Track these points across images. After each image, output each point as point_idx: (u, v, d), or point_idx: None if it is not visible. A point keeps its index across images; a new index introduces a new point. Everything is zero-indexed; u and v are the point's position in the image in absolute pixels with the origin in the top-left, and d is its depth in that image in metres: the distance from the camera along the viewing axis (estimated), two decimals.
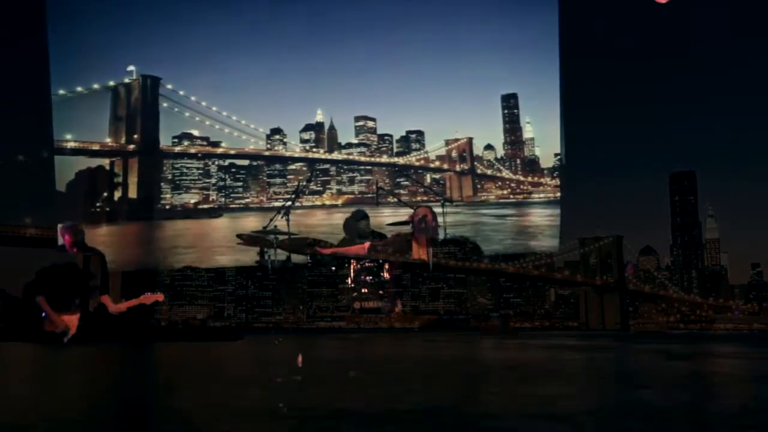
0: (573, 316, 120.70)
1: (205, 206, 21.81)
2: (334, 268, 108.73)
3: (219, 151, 22.27)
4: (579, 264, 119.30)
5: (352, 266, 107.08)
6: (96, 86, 20.79)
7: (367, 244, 20.88)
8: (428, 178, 21.99)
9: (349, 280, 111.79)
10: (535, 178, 20.93)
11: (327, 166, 22.09)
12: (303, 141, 22.48)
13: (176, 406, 11.05)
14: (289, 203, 20.72)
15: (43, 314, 9.21)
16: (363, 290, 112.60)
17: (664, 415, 10.45)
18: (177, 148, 21.91)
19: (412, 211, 18.03)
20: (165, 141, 21.71)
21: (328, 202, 21.53)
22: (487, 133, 21.33)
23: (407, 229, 19.45)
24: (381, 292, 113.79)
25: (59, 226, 19.16)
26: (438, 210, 20.41)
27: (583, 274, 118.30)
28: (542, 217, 20.03)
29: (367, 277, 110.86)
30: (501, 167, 21.64)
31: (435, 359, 30.62)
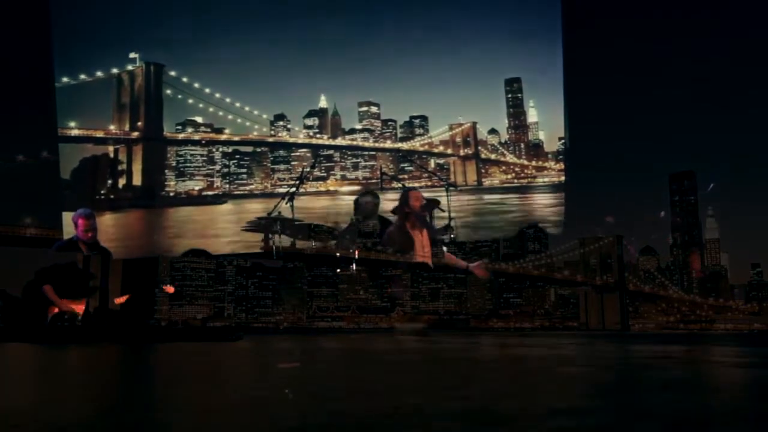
0: (573, 316, 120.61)
1: (210, 193, 21.77)
2: (339, 270, 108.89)
3: (223, 137, 22.23)
4: (579, 264, 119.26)
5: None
6: (100, 74, 20.80)
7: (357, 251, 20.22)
8: (432, 163, 21.94)
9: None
10: (540, 162, 20.88)
11: (331, 151, 22.07)
12: (306, 127, 22.42)
13: None
14: (294, 189, 20.73)
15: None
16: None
17: None
18: (181, 135, 21.88)
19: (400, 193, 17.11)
20: (169, 128, 21.71)
21: (332, 188, 21.52)
22: (490, 118, 21.29)
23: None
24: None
25: (72, 214, 18.62)
26: (442, 195, 20.38)
27: (583, 274, 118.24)
28: (547, 200, 20.02)
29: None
30: (505, 151, 21.59)
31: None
